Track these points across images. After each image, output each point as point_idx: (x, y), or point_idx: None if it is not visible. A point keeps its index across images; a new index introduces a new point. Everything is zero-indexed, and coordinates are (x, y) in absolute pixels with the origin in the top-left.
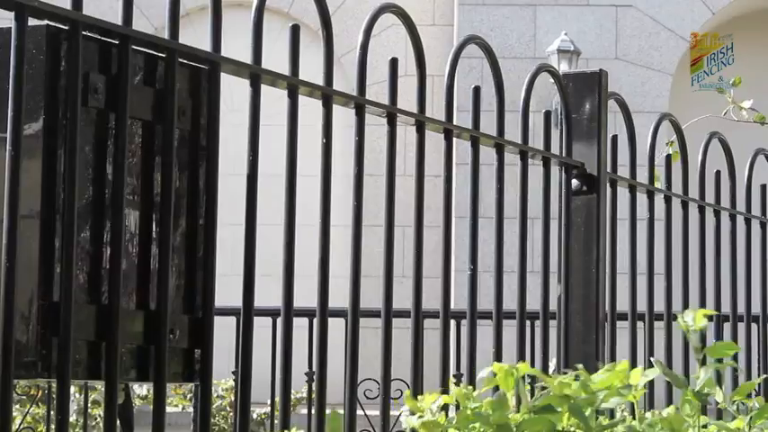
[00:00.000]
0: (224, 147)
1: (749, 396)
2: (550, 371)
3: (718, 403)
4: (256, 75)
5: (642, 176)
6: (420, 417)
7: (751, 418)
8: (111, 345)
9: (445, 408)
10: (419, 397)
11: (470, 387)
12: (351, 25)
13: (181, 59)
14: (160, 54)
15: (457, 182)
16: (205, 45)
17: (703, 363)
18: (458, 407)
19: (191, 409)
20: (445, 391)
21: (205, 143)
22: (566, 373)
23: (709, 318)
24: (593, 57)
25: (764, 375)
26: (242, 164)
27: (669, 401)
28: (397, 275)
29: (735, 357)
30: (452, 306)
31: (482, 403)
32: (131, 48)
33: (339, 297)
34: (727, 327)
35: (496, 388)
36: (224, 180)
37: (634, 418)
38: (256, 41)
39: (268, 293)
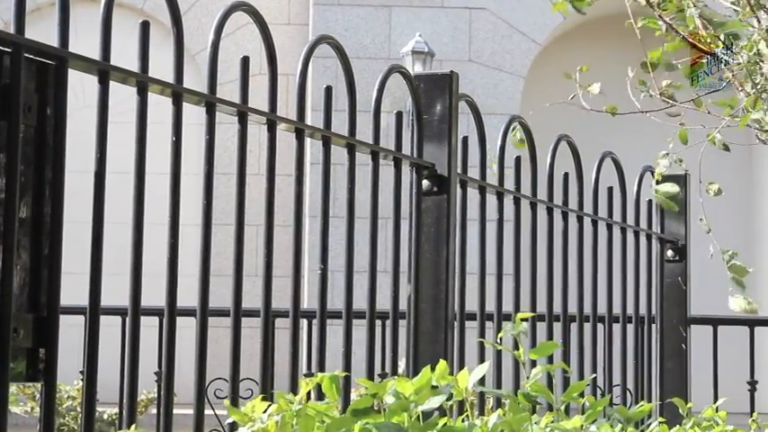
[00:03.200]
0: (76, 143)
1: (582, 395)
2: (400, 370)
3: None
4: (105, 71)
5: (492, 178)
6: (250, 427)
7: (586, 416)
8: None
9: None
10: (248, 405)
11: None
12: (205, 23)
13: (28, 55)
14: (6, 49)
15: (312, 181)
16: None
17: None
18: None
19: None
20: (294, 390)
21: (52, 140)
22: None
23: (554, 318)
24: (448, 58)
25: (593, 375)
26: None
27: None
28: (252, 274)
29: (554, 357)
30: (306, 305)
31: (305, 405)
32: None
33: (191, 296)
34: (573, 326)
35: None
36: (76, 177)
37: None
38: (105, 37)
39: (117, 292)
